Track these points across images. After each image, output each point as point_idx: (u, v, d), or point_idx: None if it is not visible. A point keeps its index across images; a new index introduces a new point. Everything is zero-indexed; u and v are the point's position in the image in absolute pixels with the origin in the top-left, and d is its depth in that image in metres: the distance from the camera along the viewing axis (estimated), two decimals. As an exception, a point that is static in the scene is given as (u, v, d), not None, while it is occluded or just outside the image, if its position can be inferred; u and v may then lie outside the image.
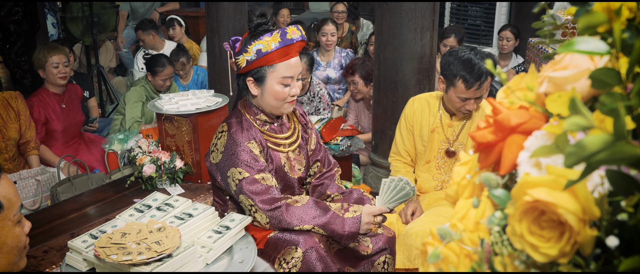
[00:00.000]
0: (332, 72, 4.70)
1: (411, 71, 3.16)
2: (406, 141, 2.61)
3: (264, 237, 1.97)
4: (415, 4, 3.04)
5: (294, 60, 1.93)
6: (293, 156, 2.09)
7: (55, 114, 3.55)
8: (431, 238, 0.76)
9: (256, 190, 1.89)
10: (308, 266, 1.87)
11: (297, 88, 1.97)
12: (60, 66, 3.51)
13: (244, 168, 1.90)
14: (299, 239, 1.89)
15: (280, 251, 1.91)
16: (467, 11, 5.91)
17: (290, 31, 1.89)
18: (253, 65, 1.90)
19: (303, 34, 1.94)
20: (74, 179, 3.11)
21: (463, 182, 0.80)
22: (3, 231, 1.19)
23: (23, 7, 5.09)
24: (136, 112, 3.97)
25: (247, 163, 1.91)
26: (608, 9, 0.63)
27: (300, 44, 1.93)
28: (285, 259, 1.89)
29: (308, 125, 2.21)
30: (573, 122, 0.58)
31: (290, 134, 2.09)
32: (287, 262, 1.88)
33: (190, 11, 6.80)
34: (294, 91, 1.96)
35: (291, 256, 1.88)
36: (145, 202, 1.98)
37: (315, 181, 2.21)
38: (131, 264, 1.55)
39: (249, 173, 1.90)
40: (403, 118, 2.62)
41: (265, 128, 2.02)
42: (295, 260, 1.87)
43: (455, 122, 2.48)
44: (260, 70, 1.92)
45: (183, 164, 2.94)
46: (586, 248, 0.60)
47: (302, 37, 1.93)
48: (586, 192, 0.59)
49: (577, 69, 0.67)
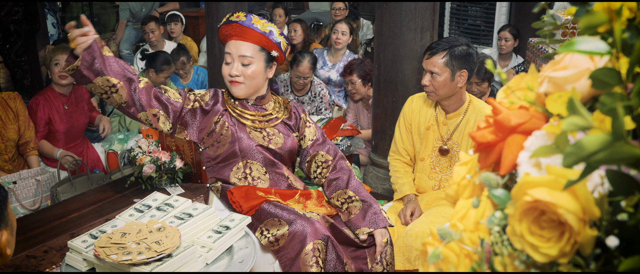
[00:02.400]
0: (335, 75, 4.69)
1: (411, 70, 3.16)
2: (405, 140, 2.61)
3: (250, 208, 2.03)
4: (415, 4, 3.04)
5: (233, 42, 2.07)
6: (271, 132, 2.14)
7: (58, 114, 3.51)
8: (431, 238, 0.76)
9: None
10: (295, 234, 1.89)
11: (236, 71, 2.06)
12: (62, 64, 3.43)
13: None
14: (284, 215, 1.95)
15: (263, 221, 1.97)
16: (467, 11, 5.91)
17: (240, 15, 2.07)
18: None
19: (252, 21, 2.05)
20: (74, 179, 3.11)
21: (463, 182, 0.80)
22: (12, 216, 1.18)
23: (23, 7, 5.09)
24: None
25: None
26: (608, 9, 0.63)
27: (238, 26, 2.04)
28: (269, 230, 1.95)
29: (301, 120, 2.25)
30: (571, 123, 0.58)
31: (264, 115, 2.16)
32: (270, 232, 1.94)
33: (190, 11, 6.79)
34: (234, 72, 2.06)
35: (275, 230, 1.93)
36: (145, 202, 1.98)
37: (331, 175, 2.21)
38: (131, 264, 1.55)
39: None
40: (402, 117, 2.63)
41: (236, 102, 2.14)
42: (280, 233, 1.92)
43: (449, 120, 2.49)
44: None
45: (183, 164, 2.94)
46: (586, 248, 0.60)
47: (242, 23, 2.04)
48: (586, 192, 0.59)
49: (577, 69, 0.67)
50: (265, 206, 2.02)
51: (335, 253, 1.93)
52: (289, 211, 1.97)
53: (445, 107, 2.49)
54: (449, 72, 2.33)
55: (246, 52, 2.05)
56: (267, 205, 2.02)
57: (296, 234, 1.89)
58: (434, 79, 2.36)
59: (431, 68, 2.35)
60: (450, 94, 2.40)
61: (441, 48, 2.35)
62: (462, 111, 2.46)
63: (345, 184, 2.17)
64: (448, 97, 2.41)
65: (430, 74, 2.37)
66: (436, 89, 2.37)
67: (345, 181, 2.17)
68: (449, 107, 2.47)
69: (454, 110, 2.47)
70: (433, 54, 2.36)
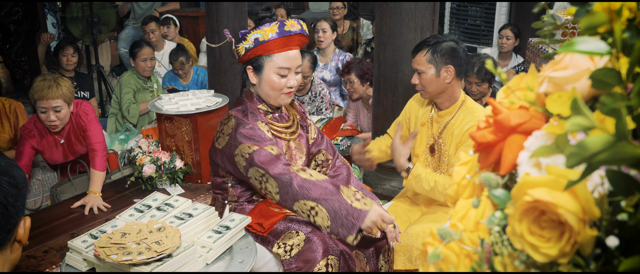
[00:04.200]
0: (328, 75, 4.69)
1: (411, 71, 3.14)
2: (392, 127, 2.68)
3: (271, 225, 2.00)
4: (415, 4, 3.04)
5: (292, 53, 1.97)
6: (294, 145, 2.12)
7: (55, 149, 2.97)
8: (431, 238, 0.76)
9: (266, 159, 1.88)
10: (310, 246, 1.88)
11: (294, 80, 2.00)
12: (49, 113, 2.74)
13: (253, 143, 1.91)
14: (301, 227, 1.93)
15: (281, 236, 1.95)
16: (467, 11, 5.90)
17: (289, 23, 1.95)
18: (251, 53, 1.96)
19: (303, 28, 1.98)
20: (74, 179, 3.11)
21: (463, 183, 0.80)
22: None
23: (23, 7, 5.09)
24: (130, 96, 4.12)
25: (256, 138, 1.92)
26: (608, 9, 0.63)
27: (299, 37, 1.97)
28: (286, 243, 1.92)
29: (306, 113, 2.26)
30: (575, 123, 0.58)
31: (290, 125, 2.12)
32: (286, 244, 1.92)
33: (190, 11, 6.79)
34: (292, 83, 1.99)
35: (292, 241, 1.91)
36: (145, 202, 1.98)
37: (331, 173, 2.22)
38: (131, 264, 1.55)
39: (258, 146, 1.90)
40: (402, 111, 2.68)
41: (268, 117, 2.06)
42: (296, 243, 1.90)
43: (441, 118, 2.49)
44: (258, 59, 1.97)
45: (183, 164, 2.94)
46: (586, 248, 0.60)
47: (302, 31, 1.97)
48: (586, 193, 0.59)
49: (577, 69, 0.67)
50: (281, 222, 2.00)
51: (347, 267, 1.94)
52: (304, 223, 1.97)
53: (439, 105, 2.50)
54: (433, 68, 2.35)
55: (300, 60, 2.04)
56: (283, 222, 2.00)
57: (311, 246, 1.89)
58: (421, 77, 2.39)
59: (417, 66, 2.40)
60: (440, 91, 2.41)
61: (424, 45, 2.38)
62: (454, 110, 2.46)
63: (345, 182, 2.19)
64: (439, 93, 2.42)
65: (417, 73, 2.40)
66: (424, 86, 2.40)
67: (345, 178, 2.20)
68: (442, 104, 2.48)
69: (446, 107, 2.48)
70: (416, 52, 2.40)
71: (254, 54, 1.96)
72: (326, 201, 1.80)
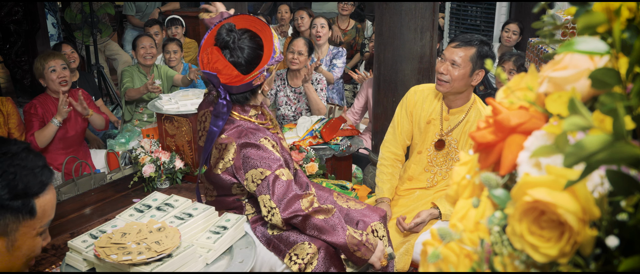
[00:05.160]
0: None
1: (411, 71, 3.16)
2: (405, 123, 2.57)
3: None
4: (415, 4, 3.04)
5: None
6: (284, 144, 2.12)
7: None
8: (431, 237, 0.76)
9: (278, 193, 1.87)
10: (326, 261, 1.90)
11: None
12: (58, 70, 3.35)
13: (264, 167, 1.89)
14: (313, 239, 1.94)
15: (292, 246, 1.94)
16: (467, 11, 5.90)
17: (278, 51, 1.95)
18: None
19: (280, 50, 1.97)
20: (78, 180, 3.11)
21: (463, 183, 0.79)
22: (24, 237, 1.20)
23: (23, 7, 5.09)
24: (129, 83, 4.18)
25: (265, 160, 1.89)
26: (608, 9, 0.63)
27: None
28: (297, 254, 1.91)
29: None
30: (572, 123, 0.58)
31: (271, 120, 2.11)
32: (299, 257, 1.90)
33: (191, 11, 6.79)
34: None
35: (305, 253, 1.90)
36: (145, 202, 1.98)
37: None
38: (131, 264, 1.55)
39: (269, 170, 1.88)
40: (403, 105, 2.59)
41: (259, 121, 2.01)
42: (310, 256, 1.89)
43: (452, 116, 2.47)
44: None
45: (183, 164, 2.94)
46: (586, 248, 0.60)
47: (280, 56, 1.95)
48: (586, 193, 0.59)
49: (577, 69, 0.67)
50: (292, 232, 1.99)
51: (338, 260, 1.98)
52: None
53: (450, 103, 2.46)
54: (470, 68, 2.32)
55: None
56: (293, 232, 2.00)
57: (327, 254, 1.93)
58: (453, 70, 2.32)
59: (454, 57, 2.31)
60: (462, 90, 2.37)
61: (472, 43, 2.32)
62: (466, 109, 2.44)
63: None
64: (460, 92, 2.38)
65: (451, 64, 2.33)
66: (452, 80, 2.33)
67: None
68: (455, 102, 2.44)
69: (458, 106, 2.45)
70: (462, 45, 2.33)
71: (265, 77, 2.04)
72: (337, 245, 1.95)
